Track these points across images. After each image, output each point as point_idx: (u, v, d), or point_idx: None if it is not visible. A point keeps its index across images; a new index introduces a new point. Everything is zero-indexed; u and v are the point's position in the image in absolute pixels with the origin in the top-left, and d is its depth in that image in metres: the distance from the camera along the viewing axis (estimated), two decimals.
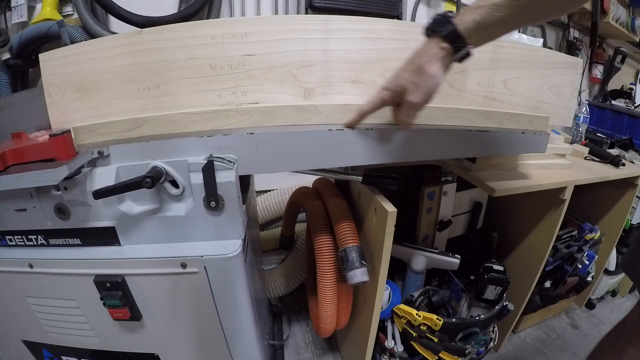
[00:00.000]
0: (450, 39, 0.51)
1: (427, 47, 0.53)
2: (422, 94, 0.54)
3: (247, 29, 0.70)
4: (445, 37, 0.51)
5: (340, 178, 0.86)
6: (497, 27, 0.51)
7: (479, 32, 0.51)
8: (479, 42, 0.53)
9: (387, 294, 0.98)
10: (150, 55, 0.69)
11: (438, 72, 0.53)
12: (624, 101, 2.03)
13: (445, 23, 0.51)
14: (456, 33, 0.51)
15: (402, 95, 0.56)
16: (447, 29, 0.51)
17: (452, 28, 0.51)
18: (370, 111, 0.61)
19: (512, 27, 0.53)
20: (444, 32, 0.51)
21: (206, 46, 0.70)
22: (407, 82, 0.54)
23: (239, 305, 0.65)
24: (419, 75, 0.53)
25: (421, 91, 0.54)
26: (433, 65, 0.52)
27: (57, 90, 0.69)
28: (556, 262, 1.15)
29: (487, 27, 0.50)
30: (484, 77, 0.87)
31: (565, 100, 0.99)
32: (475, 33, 0.51)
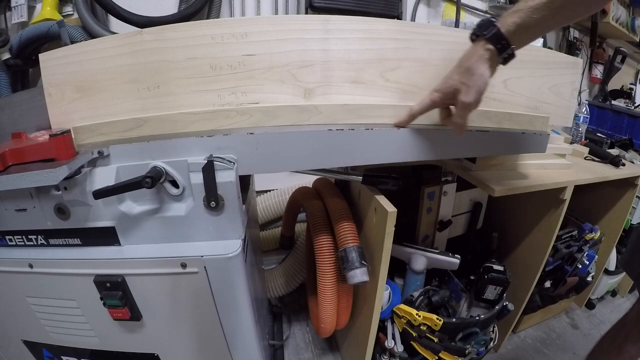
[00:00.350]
0: (494, 40, 0.55)
1: (473, 49, 0.57)
2: (473, 93, 0.57)
3: (247, 29, 0.70)
4: (490, 39, 0.55)
5: (340, 178, 0.86)
6: (536, 28, 0.55)
7: (520, 33, 0.55)
8: (520, 42, 0.57)
9: (387, 294, 0.98)
10: (150, 55, 0.69)
11: (486, 72, 0.57)
12: (624, 101, 2.03)
13: (489, 26, 0.55)
14: (500, 34, 0.55)
15: (453, 96, 0.59)
16: (491, 32, 0.55)
17: (495, 30, 0.55)
18: (421, 112, 0.65)
19: (550, 27, 0.56)
20: (488, 34, 0.55)
21: (206, 46, 0.70)
22: (458, 83, 0.58)
23: (239, 305, 0.65)
24: (469, 75, 0.57)
25: (472, 91, 0.57)
26: (481, 65, 0.56)
27: (57, 90, 0.69)
28: (556, 262, 1.15)
29: (527, 29, 0.54)
30: None
31: (565, 100, 0.99)
32: (517, 34, 0.55)
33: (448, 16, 1.53)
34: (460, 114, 0.60)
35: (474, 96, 0.57)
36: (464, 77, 0.57)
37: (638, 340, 0.69)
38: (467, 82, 0.57)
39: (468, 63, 0.57)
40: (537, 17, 0.52)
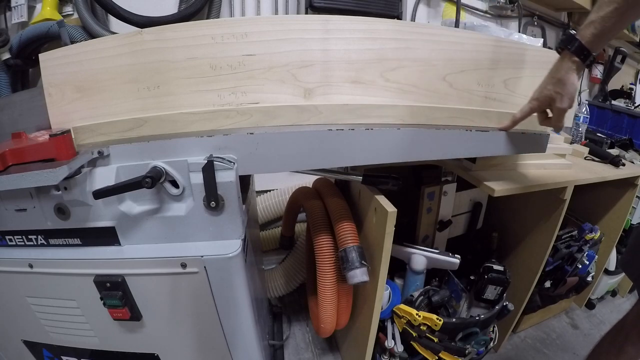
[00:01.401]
0: (578, 52, 0.63)
1: (562, 62, 0.65)
2: (567, 100, 0.65)
3: (247, 29, 0.70)
4: (575, 52, 0.63)
5: (340, 178, 0.86)
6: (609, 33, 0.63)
7: (598, 41, 0.63)
8: (599, 48, 0.65)
9: (387, 294, 0.98)
10: (150, 55, 0.69)
11: (575, 80, 0.65)
12: (624, 101, 2.03)
13: (572, 40, 0.63)
14: (582, 47, 0.63)
15: (549, 104, 0.68)
16: (574, 45, 0.63)
17: (578, 43, 0.63)
18: (522, 119, 0.74)
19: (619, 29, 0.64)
20: (572, 48, 0.63)
21: (206, 46, 0.70)
22: (552, 92, 0.66)
23: (239, 305, 0.65)
24: (561, 85, 0.65)
25: (565, 98, 0.65)
26: (571, 76, 0.65)
27: (57, 90, 0.69)
28: (556, 262, 1.15)
29: (603, 36, 0.62)
30: (484, 77, 0.87)
31: None
32: (595, 42, 0.63)
33: (448, 16, 1.53)
34: (558, 118, 0.68)
35: (568, 102, 0.65)
36: (557, 87, 0.65)
37: (638, 341, 0.69)
38: (561, 92, 0.65)
39: (559, 75, 0.65)
40: (609, 24, 0.60)
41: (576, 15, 1.84)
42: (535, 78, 0.92)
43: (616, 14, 0.59)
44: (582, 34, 0.63)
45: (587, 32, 0.63)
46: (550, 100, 0.68)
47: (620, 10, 0.59)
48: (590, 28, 0.62)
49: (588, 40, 0.63)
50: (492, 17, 1.66)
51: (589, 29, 0.62)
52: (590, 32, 0.62)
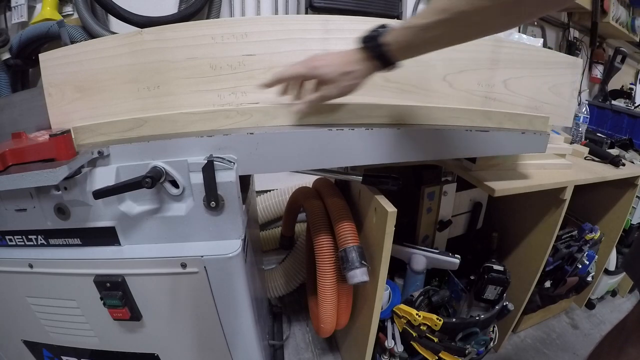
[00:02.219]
0: (379, 57, 0.56)
1: (361, 56, 0.57)
2: (339, 90, 0.59)
3: (247, 29, 0.70)
4: (376, 56, 0.56)
5: (340, 178, 0.86)
6: (426, 46, 0.54)
7: (407, 50, 0.55)
8: (407, 57, 0.57)
9: (387, 294, 0.98)
10: (150, 55, 0.69)
11: (360, 79, 0.59)
12: (624, 101, 2.03)
13: (376, 44, 0.55)
14: (385, 54, 0.55)
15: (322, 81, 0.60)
16: (378, 50, 0.55)
17: (382, 49, 0.55)
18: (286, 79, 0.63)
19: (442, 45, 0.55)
20: (374, 51, 0.56)
21: (206, 46, 0.70)
22: (333, 75, 0.58)
23: (239, 305, 0.65)
24: (346, 77, 0.58)
25: (339, 89, 0.59)
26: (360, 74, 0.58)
27: (57, 90, 0.69)
28: (556, 262, 1.15)
29: (416, 47, 0.55)
30: (484, 77, 0.87)
31: (565, 100, 0.99)
32: (404, 52, 0.55)
33: None
34: (318, 98, 0.61)
35: (338, 93, 0.60)
36: (342, 76, 0.58)
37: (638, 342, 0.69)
38: (341, 80, 0.58)
39: (351, 67, 0.58)
40: (429, 36, 0.51)
41: (576, 15, 1.84)
42: (535, 78, 0.93)
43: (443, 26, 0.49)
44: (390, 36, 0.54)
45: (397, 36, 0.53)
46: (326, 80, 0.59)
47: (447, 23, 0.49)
48: (403, 33, 0.53)
49: (396, 47, 0.54)
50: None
51: (400, 34, 0.53)
52: (401, 38, 0.53)
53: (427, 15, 0.50)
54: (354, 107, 0.69)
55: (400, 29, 0.54)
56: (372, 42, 0.56)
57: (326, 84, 0.59)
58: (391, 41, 0.54)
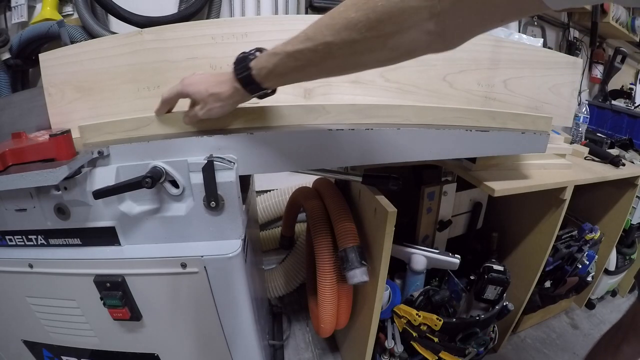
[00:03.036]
0: (244, 82, 0.54)
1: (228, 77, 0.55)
2: (204, 112, 0.58)
3: (247, 29, 0.71)
4: (241, 80, 0.54)
5: (340, 178, 0.86)
6: (295, 74, 0.51)
7: (274, 78, 0.52)
8: (277, 85, 0.57)
9: (387, 294, 0.98)
10: (150, 55, 0.69)
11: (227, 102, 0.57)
12: (624, 101, 2.03)
13: (243, 68, 0.53)
14: (251, 79, 0.53)
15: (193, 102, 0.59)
16: (243, 74, 0.53)
17: (247, 73, 0.53)
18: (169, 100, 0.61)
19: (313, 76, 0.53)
20: (240, 75, 0.54)
21: (206, 46, 0.70)
22: (201, 95, 0.57)
23: (239, 305, 0.65)
24: (212, 97, 0.57)
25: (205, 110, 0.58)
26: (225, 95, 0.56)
27: (57, 90, 0.69)
28: (556, 262, 1.15)
29: (281, 75, 0.51)
30: (484, 77, 0.87)
31: (565, 100, 0.99)
32: (270, 79, 0.53)
33: None
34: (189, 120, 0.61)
35: (205, 115, 0.58)
36: (209, 97, 0.57)
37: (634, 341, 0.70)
38: (208, 103, 0.57)
39: (218, 89, 0.56)
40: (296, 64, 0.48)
41: (576, 15, 1.84)
42: (535, 78, 0.93)
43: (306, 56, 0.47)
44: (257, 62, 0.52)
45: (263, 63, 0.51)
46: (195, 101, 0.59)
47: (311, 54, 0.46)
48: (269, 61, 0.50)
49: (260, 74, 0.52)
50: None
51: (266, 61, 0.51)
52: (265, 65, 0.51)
53: (294, 42, 0.47)
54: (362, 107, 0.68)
55: (267, 54, 0.51)
56: (241, 64, 0.54)
57: (197, 103, 0.59)
58: (255, 66, 0.52)
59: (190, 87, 0.58)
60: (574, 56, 1.21)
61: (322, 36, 0.45)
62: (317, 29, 0.46)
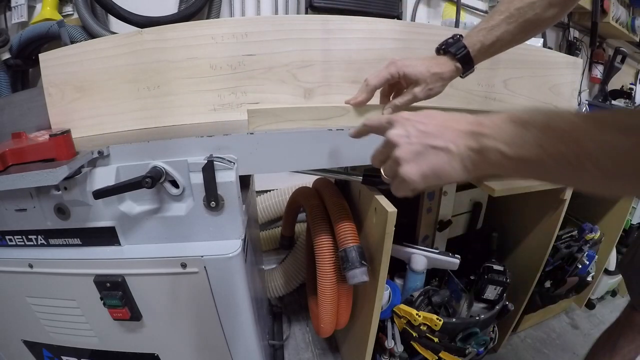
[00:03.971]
0: (463, 61, 0.60)
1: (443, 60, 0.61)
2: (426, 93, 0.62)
3: (247, 29, 0.71)
4: (460, 59, 0.60)
5: (340, 178, 0.86)
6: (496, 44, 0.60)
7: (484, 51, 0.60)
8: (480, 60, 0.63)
9: (387, 294, 0.97)
10: (150, 55, 0.69)
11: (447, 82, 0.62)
12: (624, 101, 2.03)
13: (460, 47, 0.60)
14: (468, 57, 0.60)
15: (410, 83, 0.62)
16: (461, 53, 0.60)
17: (465, 52, 0.59)
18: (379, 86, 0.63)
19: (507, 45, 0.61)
20: (459, 55, 0.60)
21: (206, 46, 0.70)
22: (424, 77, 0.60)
23: (239, 305, 0.65)
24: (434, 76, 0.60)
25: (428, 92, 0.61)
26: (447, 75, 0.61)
27: (57, 90, 0.69)
28: (556, 262, 1.15)
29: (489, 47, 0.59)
30: (484, 77, 0.87)
31: (565, 100, 0.99)
32: (480, 54, 0.60)
33: (448, 16, 1.53)
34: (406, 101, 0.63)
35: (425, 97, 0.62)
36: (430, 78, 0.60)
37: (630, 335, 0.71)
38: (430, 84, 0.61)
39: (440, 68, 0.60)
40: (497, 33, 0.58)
41: (576, 15, 1.84)
42: (535, 78, 0.93)
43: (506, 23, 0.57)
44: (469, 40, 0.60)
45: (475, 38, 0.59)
46: (414, 82, 0.61)
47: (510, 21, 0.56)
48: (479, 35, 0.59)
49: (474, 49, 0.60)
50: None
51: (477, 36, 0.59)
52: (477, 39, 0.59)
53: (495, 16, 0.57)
54: None
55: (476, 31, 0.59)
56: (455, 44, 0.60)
57: (415, 84, 0.61)
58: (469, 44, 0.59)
59: (408, 67, 0.60)
60: (574, 56, 1.21)
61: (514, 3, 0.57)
62: None
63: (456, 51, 0.60)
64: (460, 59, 0.60)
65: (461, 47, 0.59)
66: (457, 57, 0.60)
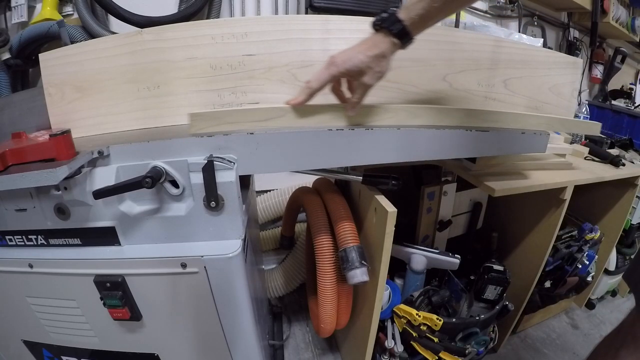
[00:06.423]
0: (400, 35, 0.58)
1: (380, 39, 0.59)
2: (377, 77, 0.61)
3: (247, 29, 0.71)
4: (397, 34, 0.58)
5: (340, 178, 0.86)
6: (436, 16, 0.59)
7: (422, 23, 0.59)
8: (420, 31, 0.61)
9: (387, 294, 0.98)
10: (150, 55, 0.69)
11: (389, 59, 0.61)
12: (624, 101, 2.03)
13: (395, 22, 0.58)
14: (405, 31, 0.58)
15: (355, 76, 0.61)
16: (396, 27, 0.58)
17: (401, 27, 0.58)
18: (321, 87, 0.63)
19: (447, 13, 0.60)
20: (394, 30, 0.58)
21: (206, 46, 0.70)
22: (365, 66, 0.59)
23: (239, 305, 0.65)
24: (377, 62, 0.59)
25: (377, 75, 0.61)
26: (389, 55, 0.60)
27: (57, 90, 0.69)
28: (556, 262, 1.15)
29: (429, 19, 0.58)
30: (484, 77, 0.87)
31: (565, 100, 0.99)
32: (419, 25, 0.59)
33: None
34: (361, 94, 0.63)
35: (376, 80, 0.61)
36: (373, 62, 0.59)
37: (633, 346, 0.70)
38: (375, 67, 0.59)
39: (377, 51, 0.59)
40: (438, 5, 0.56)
41: (576, 15, 1.84)
42: (535, 78, 0.93)
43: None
44: (406, 13, 0.58)
45: (413, 12, 0.57)
46: (359, 73, 0.60)
47: None
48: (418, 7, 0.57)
49: (412, 22, 0.58)
50: (492, 17, 1.66)
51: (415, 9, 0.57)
52: (416, 12, 0.57)
53: None
54: None
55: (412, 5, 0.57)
56: (388, 21, 0.58)
57: (361, 75, 0.60)
58: (406, 17, 0.57)
59: (348, 62, 0.59)
60: (574, 56, 1.21)
61: None
62: None
63: (390, 26, 0.58)
64: (397, 34, 0.58)
65: (395, 21, 0.58)
66: (392, 32, 0.58)
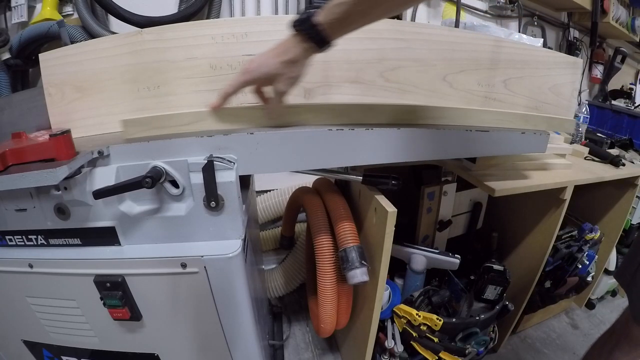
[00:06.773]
0: (317, 39, 0.55)
1: (295, 42, 0.56)
2: (290, 83, 0.59)
3: (247, 29, 0.71)
4: (313, 38, 0.55)
5: (340, 178, 0.86)
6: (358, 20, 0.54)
7: (341, 27, 0.54)
8: (341, 35, 0.57)
9: (387, 294, 0.98)
10: (150, 55, 0.69)
11: (302, 64, 0.58)
12: (624, 101, 2.03)
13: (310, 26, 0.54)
14: (321, 35, 0.54)
15: (269, 82, 0.59)
16: (312, 31, 0.54)
17: (316, 30, 0.54)
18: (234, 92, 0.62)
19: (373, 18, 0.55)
20: (310, 33, 0.54)
21: (206, 46, 0.70)
22: (276, 72, 0.57)
23: (239, 305, 0.65)
24: (291, 67, 0.57)
25: (289, 81, 0.59)
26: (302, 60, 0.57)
27: (57, 90, 0.69)
28: (556, 262, 1.15)
29: (350, 23, 0.54)
30: (484, 77, 0.87)
31: (565, 100, 0.99)
32: (338, 29, 0.55)
33: (448, 16, 1.53)
34: (277, 99, 0.61)
35: (290, 86, 0.59)
36: (285, 68, 0.57)
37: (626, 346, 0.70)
38: (287, 73, 0.58)
39: (290, 56, 0.56)
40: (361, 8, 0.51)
41: (576, 15, 1.84)
42: (535, 78, 0.93)
43: None
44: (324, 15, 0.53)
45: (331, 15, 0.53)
46: (270, 80, 0.58)
47: None
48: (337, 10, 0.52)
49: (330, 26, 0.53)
50: (492, 17, 1.66)
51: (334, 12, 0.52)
52: (334, 16, 0.52)
53: None
54: None
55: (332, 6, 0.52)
56: (304, 24, 0.54)
57: (274, 81, 0.58)
58: (324, 21, 0.53)
59: (260, 69, 0.58)
60: (574, 56, 1.21)
61: None
62: None
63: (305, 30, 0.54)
64: (312, 38, 0.55)
65: (310, 26, 0.54)
66: (307, 37, 0.55)
